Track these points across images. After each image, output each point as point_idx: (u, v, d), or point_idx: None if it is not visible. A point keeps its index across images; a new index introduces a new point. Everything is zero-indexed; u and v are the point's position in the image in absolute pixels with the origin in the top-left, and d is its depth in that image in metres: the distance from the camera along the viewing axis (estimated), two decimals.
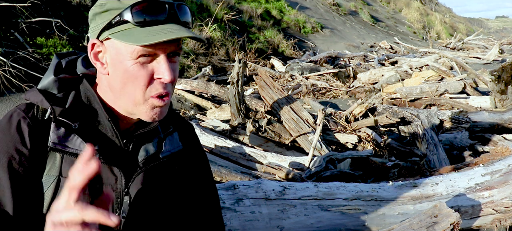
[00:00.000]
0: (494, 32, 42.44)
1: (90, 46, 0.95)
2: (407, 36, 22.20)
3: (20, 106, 0.98)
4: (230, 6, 12.95)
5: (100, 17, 0.92)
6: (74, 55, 1.07)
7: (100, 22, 0.92)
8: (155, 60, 0.92)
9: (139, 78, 0.91)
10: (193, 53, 8.77)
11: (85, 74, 1.03)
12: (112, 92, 0.97)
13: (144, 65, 0.91)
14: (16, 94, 5.11)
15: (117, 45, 0.91)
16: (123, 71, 0.92)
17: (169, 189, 1.09)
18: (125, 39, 0.89)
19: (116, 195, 0.99)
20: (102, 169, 0.98)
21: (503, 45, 17.62)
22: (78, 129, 0.96)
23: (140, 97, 0.94)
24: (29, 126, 0.94)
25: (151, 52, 0.90)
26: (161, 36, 0.87)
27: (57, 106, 0.95)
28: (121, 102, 0.97)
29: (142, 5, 0.89)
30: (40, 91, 0.97)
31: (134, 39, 0.88)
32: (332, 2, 21.24)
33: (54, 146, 0.94)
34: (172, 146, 1.09)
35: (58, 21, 6.21)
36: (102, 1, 0.92)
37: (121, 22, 0.89)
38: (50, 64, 1.03)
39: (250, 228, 1.98)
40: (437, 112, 4.28)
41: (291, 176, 2.85)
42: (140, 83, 0.92)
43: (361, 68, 9.60)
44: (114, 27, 0.90)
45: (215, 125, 4.26)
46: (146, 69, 0.92)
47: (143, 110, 0.96)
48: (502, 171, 2.25)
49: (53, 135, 0.94)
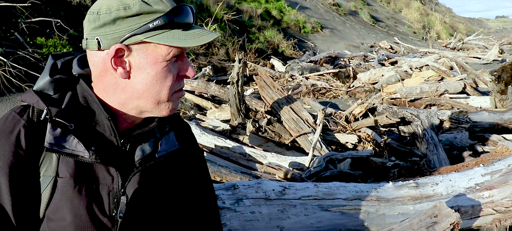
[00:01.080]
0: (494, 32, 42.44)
1: (113, 52, 0.91)
2: (407, 36, 22.21)
3: (15, 108, 0.98)
4: (230, 6, 12.95)
5: (125, 22, 0.90)
6: (70, 56, 1.07)
7: (126, 27, 0.90)
8: (179, 60, 0.99)
9: (169, 77, 0.97)
10: (193, 53, 8.77)
11: (81, 74, 1.02)
12: (127, 94, 0.97)
13: (173, 65, 0.97)
14: (16, 94, 5.11)
15: (150, 48, 0.93)
16: (154, 73, 0.95)
17: (166, 188, 1.09)
18: (170, 41, 0.92)
19: (112, 195, 0.99)
20: (99, 169, 0.98)
21: (503, 45, 17.63)
22: (74, 129, 0.96)
23: (165, 96, 0.98)
24: (25, 127, 0.94)
25: (180, 52, 0.97)
26: (201, 39, 0.95)
27: (53, 107, 0.95)
28: (140, 102, 0.98)
29: (179, 10, 0.95)
30: (36, 93, 0.97)
31: (183, 42, 0.93)
32: (332, 2, 21.24)
33: (51, 147, 0.93)
34: (168, 145, 1.09)
35: (58, 21, 6.21)
36: (125, 4, 0.90)
37: (163, 26, 0.92)
38: (46, 65, 1.02)
39: (250, 228, 1.98)
40: (437, 112, 4.28)
41: (291, 176, 2.85)
42: (169, 82, 0.97)
43: (361, 68, 9.60)
44: (153, 31, 0.91)
45: (215, 125, 4.26)
46: (173, 69, 0.98)
47: (165, 107, 1.00)
48: (502, 171, 2.25)
49: (50, 135, 0.94)
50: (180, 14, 0.94)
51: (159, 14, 0.91)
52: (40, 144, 0.95)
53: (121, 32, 0.91)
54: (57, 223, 0.94)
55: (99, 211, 0.97)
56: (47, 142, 0.93)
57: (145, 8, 0.91)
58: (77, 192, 0.95)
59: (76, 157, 0.94)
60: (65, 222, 0.94)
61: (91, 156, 0.95)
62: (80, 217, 0.95)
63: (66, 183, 0.95)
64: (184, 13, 0.95)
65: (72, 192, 0.95)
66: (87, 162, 0.95)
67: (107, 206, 0.98)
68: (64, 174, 0.95)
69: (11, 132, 0.93)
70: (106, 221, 0.98)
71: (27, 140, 0.94)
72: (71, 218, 0.94)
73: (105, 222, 0.98)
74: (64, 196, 0.94)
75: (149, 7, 0.91)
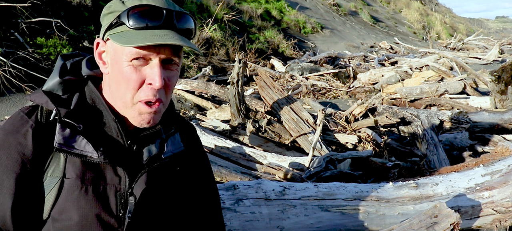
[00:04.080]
0: (494, 32, 42.46)
1: (95, 45, 0.99)
2: (407, 37, 22.20)
3: (24, 109, 0.98)
4: (230, 6, 12.95)
5: (106, 19, 0.96)
6: (79, 57, 1.08)
7: (105, 24, 0.96)
8: (149, 65, 0.93)
9: (130, 81, 0.93)
10: (193, 54, 8.77)
11: (90, 75, 1.04)
12: (110, 92, 0.99)
13: (137, 69, 0.92)
14: (16, 94, 5.11)
15: (115, 46, 0.94)
16: (118, 72, 0.94)
17: (172, 189, 1.09)
18: (118, 40, 0.91)
19: (120, 195, 0.99)
20: (106, 169, 0.98)
21: (503, 45, 17.64)
22: (82, 130, 0.96)
23: (129, 100, 0.95)
24: (32, 128, 0.94)
25: (145, 55, 0.91)
26: (150, 40, 0.88)
27: (62, 107, 0.96)
28: (117, 103, 0.99)
29: (139, 9, 0.90)
30: (45, 93, 0.98)
31: (126, 40, 0.90)
32: (332, 3, 21.24)
33: (60, 147, 0.94)
34: (174, 146, 1.09)
35: (58, 21, 6.21)
36: (109, 4, 0.96)
37: (119, 24, 0.92)
38: (55, 66, 1.04)
39: (250, 228, 1.98)
40: (437, 112, 4.28)
41: (291, 176, 2.85)
42: (130, 86, 0.93)
43: (361, 68, 9.60)
44: (113, 28, 0.93)
45: (215, 125, 4.25)
46: (138, 73, 0.93)
47: (131, 114, 0.97)
48: (502, 171, 2.24)
49: (59, 135, 0.94)
50: (139, 14, 0.90)
51: (120, 12, 0.92)
52: (47, 144, 0.95)
53: (103, 28, 0.97)
54: (63, 223, 0.94)
55: (105, 212, 0.97)
56: (56, 142, 0.94)
57: (117, 7, 0.93)
58: (84, 193, 0.95)
59: (84, 158, 0.95)
60: (71, 222, 0.94)
61: (99, 157, 0.95)
62: (86, 217, 0.95)
63: (72, 183, 0.95)
64: (146, 13, 0.90)
65: (78, 192, 0.95)
66: (95, 162, 0.96)
67: (114, 206, 0.98)
68: (71, 174, 0.95)
69: (19, 132, 0.94)
70: (113, 222, 0.98)
71: (35, 140, 0.94)
72: (77, 219, 0.94)
73: (112, 223, 0.98)
74: (71, 197, 0.94)
75: (121, 6, 0.92)
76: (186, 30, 0.95)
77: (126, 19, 0.90)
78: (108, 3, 0.97)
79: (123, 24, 0.91)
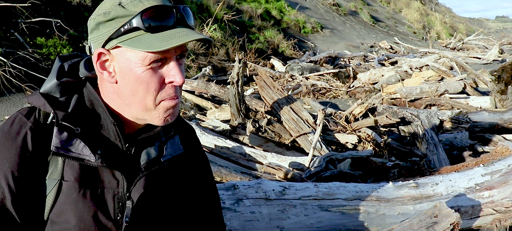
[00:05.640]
0: (494, 32, 42.45)
1: (96, 56, 0.93)
2: (407, 36, 22.20)
3: (22, 111, 0.98)
4: (230, 6, 12.95)
5: (105, 26, 0.91)
6: (77, 58, 1.06)
7: (105, 31, 0.91)
8: (165, 65, 0.92)
9: (150, 84, 0.91)
10: (193, 53, 8.77)
11: (88, 77, 1.02)
12: (120, 99, 0.96)
13: (155, 71, 0.91)
14: (16, 94, 5.11)
15: (126, 53, 0.90)
16: (134, 78, 0.91)
17: (171, 192, 1.08)
18: (137, 46, 0.88)
19: (117, 199, 0.99)
20: (104, 173, 0.98)
21: (503, 45, 17.62)
22: (80, 133, 0.95)
23: (150, 103, 0.93)
24: (31, 130, 0.94)
25: (162, 57, 0.90)
26: (175, 40, 0.87)
27: (59, 110, 0.95)
28: (131, 109, 0.96)
29: (151, 11, 0.88)
30: (43, 95, 0.97)
31: (147, 45, 0.87)
32: (332, 2, 21.24)
33: (57, 150, 0.93)
34: (173, 149, 1.09)
35: (58, 21, 6.21)
36: (106, 10, 0.90)
37: (131, 30, 0.88)
38: (53, 68, 1.02)
39: (250, 228, 1.98)
40: (437, 112, 4.28)
41: (291, 176, 2.85)
42: (151, 89, 0.92)
43: (361, 68, 9.60)
44: (124, 35, 0.89)
45: (215, 125, 4.25)
46: (157, 74, 0.92)
47: (155, 115, 0.95)
48: (502, 171, 2.24)
49: (56, 139, 0.93)
50: (152, 16, 0.88)
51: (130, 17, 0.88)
52: (46, 147, 0.94)
53: (102, 36, 0.91)
54: (61, 226, 0.94)
55: (103, 215, 0.97)
56: (53, 146, 0.93)
57: (120, 12, 0.89)
58: (81, 196, 0.95)
59: (82, 161, 0.94)
60: (69, 225, 0.94)
61: (97, 160, 0.95)
62: (84, 220, 0.94)
63: (71, 186, 0.94)
64: (157, 14, 0.89)
65: (76, 195, 0.94)
66: (93, 165, 0.95)
67: (112, 210, 0.98)
68: (69, 177, 0.95)
69: (18, 134, 0.93)
70: (110, 225, 0.97)
71: (34, 142, 0.93)
72: (75, 222, 0.94)
73: (110, 226, 0.97)
74: (69, 200, 0.94)
75: (124, 10, 0.89)
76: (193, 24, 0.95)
77: (141, 23, 0.87)
78: (101, 9, 0.91)
79: (137, 29, 0.88)
